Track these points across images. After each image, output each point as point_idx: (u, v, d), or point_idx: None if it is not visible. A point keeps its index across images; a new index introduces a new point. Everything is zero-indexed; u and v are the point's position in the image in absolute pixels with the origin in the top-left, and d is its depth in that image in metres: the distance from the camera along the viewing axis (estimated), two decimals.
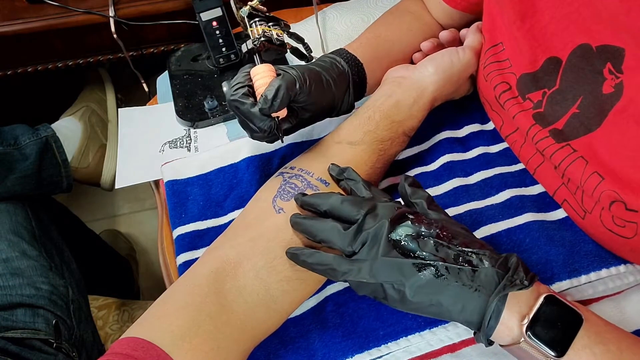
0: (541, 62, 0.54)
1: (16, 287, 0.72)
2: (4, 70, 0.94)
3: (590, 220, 0.51)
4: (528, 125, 0.55)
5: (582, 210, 0.52)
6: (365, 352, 0.49)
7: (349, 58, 0.60)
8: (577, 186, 0.51)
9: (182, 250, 0.59)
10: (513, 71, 0.57)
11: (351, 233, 0.44)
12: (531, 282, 0.40)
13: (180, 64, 0.83)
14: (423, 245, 0.42)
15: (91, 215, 1.34)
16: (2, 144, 0.87)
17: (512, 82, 0.57)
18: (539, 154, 0.56)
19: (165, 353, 0.40)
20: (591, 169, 0.48)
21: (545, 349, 0.38)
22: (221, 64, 0.79)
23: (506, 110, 0.58)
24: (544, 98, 0.54)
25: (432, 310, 0.41)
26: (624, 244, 0.47)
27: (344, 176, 0.51)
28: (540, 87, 0.54)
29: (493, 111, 0.63)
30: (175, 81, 0.80)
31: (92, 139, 1.05)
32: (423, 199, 0.47)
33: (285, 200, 0.51)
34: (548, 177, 0.57)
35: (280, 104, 0.50)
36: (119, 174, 0.71)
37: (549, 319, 0.39)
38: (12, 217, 0.80)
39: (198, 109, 0.75)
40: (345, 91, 0.59)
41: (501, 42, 0.58)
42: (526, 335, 0.39)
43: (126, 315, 0.97)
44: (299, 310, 0.53)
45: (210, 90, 0.78)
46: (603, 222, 0.48)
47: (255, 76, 0.52)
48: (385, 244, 0.42)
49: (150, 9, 0.87)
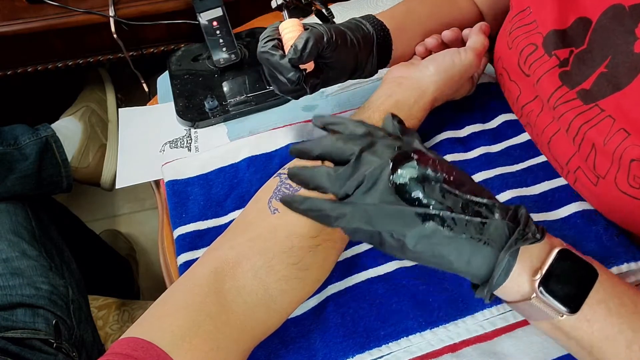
0: (571, 21, 0.54)
1: (16, 287, 0.72)
2: (4, 70, 0.94)
3: (602, 185, 0.50)
4: (552, 88, 0.55)
5: (594, 176, 0.51)
6: (366, 352, 0.49)
7: (375, 22, 0.61)
8: (591, 148, 0.50)
9: (182, 250, 0.59)
10: (540, 31, 0.57)
11: (343, 174, 0.38)
12: (542, 235, 0.37)
13: (181, 63, 0.83)
14: (429, 191, 0.36)
15: (91, 215, 1.34)
16: (2, 144, 0.87)
17: (539, 41, 0.57)
18: (555, 122, 0.56)
19: (165, 353, 0.40)
20: (618, 126, 0.47)
21: (558, 305, 0.36)
22: (221, 64, 0.79)
23: (530, 74, 0.57)
24: (570, 56, 0.54)
25: (434, 261, 0.38)
26: (637, 206, 0.47)
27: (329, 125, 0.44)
28: (567, 44, 0.54)
29: (511, 81, 0.63)
30: (176, 81, 0.80)
31: (92, 139, 1.05)
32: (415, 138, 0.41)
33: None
34: (562, 146, 0.56)
35: (309, 55, 0.52)
36: (119, 174, 0.71)
37: (563, 273, 0.36)
38: (12, 217, 0.80)
39: (198, 108, 0.75)
40: (369, 53, 0.60)
41: (528, 7, 0.59)
42: (538, 291, 0.36)
43: (126, 315, 0.97)
44: (300, 310, 0.53)
45: (210, 90, 0.78)
46: (617, 184, 0.48)
47: (284, 30, 0.55)
48: (386, 188, 0.36)
49: (150, 9, 0.87)
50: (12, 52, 0.91)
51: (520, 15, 0.60)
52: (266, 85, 0.76)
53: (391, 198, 0.36)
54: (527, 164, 0.61)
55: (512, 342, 0.49)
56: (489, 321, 0.50)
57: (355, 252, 0.56)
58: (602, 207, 0.53)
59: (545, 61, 0.56)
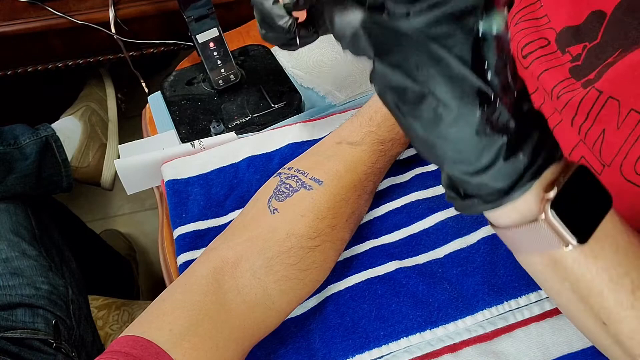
0: (585, 15, 0.53)
1: (16, 287, 0.72)
2: (4, 70, 0.94)
3: (608, 174, 0.49)
4: (555, 81, 0.54)
5: (600, 164, 0.50)
6: (366, 352, 0.49)
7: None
8: (600, 133, 0.48)
9: (182, 250, 0.59)
10: (552, 26, 0.56)
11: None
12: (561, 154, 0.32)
13: (175, 89, 0.80)
14: (498, 63, 0.28)
15: (91, 215, 1.34)
16: (2, 143, 0.87)
17: (551, 37, 0.56)
18: (557, 113, 0.55)
19: (164, 351, 0.40)
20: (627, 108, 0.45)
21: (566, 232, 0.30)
22: (220, 86, 0.77)
23: (531, 68, 0.57)
24: (583, 51, 0.53)
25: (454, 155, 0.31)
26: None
27: None
28: (581, 40, 0.53)
29: None
30: (174, 107, 0.77)
31: (92, 138, 1.05)
32: None
33: (279, 201, 0.51)
34: (565, 136, 0.55)
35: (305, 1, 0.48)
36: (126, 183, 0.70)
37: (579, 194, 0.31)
38: (12, 216, 0.80)
39: (204, 133, 0.73)
40: None
41: (539, 0, 0.58)
42: (549, 212, 0.30)
43: (126, 315, 0.97)
44: (300, 310, 0.53)
45: (212, 113, 0.75)
46: (623, 172, 0.46)
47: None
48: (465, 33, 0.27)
49: (150, 9, 0.87)
50: (12, 52, 0.91)
51: (530, 8, 0.59)
52: (270, 104, 0.74)
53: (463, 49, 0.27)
54: None
55: (512, 342, 0.49)
56: (489, 321, 0.50)
57: (354, 252, 0.56)
58: None
59: (557, 57, 0.55)
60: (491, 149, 0.30)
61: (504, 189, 0.31)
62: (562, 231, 0.30)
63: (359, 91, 0.74)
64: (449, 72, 0.28)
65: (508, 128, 0.29)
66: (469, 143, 0.30)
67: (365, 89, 0.74)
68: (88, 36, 0.90)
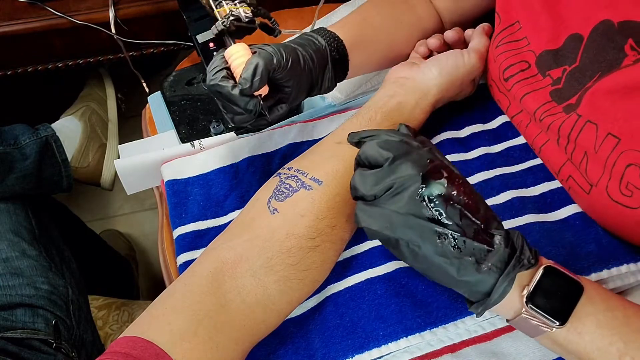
0: (563, 39, 0.53)
1: (16, 287, 0.72)
2: (4, 70, 0.94)
3: (595, 194, 0.50)
4: (537, 104, 0.55)
5: (587, 184, 0.51)
6: (366, 352, 0.49)
7: (326, 35, 0.58)
8: (583, 155, 0.50)
9: (182, 250, 0.59)
10: (532, 49, 0.56)
11: (374, 177, 0.41)
12: (536, 260, 0.41)
13: (175, 89, 0.80)
14: (450, 212, 0.39)
15: (91, 215, 1.34)
16: (2, 143, 0.87)
17: (531, 60, 0.57)
18: (543, 132, 0.56)
19: (164, 352, 0.40)
20: (604, 132, 0.47)
21: (547, 318, 0.39)
22: None
23: (512, 92, 0.57)
24: (563, 75, 0.54)
25: (437, 275, 0.41)
26: (630, 215, 0.47)
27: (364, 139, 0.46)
28: (561, 64, 0.54)
29: (500, 93, 0.63)
30: (173, 108, 0.77)
31: (92, 138, 1.05)
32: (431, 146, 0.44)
33: (279, 201, 0.51)
34: (553, 155, 0.56)
35: (261, 81, 0.50)
36: (126, 183, 0.70)
37: (549, 289, 0.39)
38: (12, 216, 0.80)
39: (204, 133, 0.73)
40: (325, 68, 0.57)
41: (518, 21, 0.58)
42: (527, 306, 0.39)
43: (126, 315, 0.97)
44: (299, 310, 0.53)
45: (212, 114, 0.76)
46: (609, 193, 0.48)
47: (231, 57, 0.52)
48: (412, 200, 0.39)
49: (150, 9, 0.87)
50: (12, 52, 0.91)
51: (509, 29, 0.59)
52: None
53: (415, 209, 0.39)
54: (527, 165, 0.61)
55: (511, 342, 0.49)
56: (489, 321, 0.50)
57: (354, 252, 0.56)
58: (595, 215, 0.53)
59: (537, 80, 0.56)
60: (466, 268, 0.39)
61: (488, 292, 0.40)
62: (543, 319, 0.39)
63: (359, 91, 0.74)
64: (411, 225, 0.39)
65: (474, 251, 0.39)
66: (444, 267, 0.40)
67: (365, 89, 0.74)
68: (88, 36, 0.90)
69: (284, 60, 0.52)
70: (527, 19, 0.56)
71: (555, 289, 0.39)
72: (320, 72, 0.57)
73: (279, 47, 0.53)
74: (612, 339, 0.38)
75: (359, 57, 0.60)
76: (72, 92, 1.14)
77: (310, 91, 0.58)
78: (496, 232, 0.41)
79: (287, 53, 0.52)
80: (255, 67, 0.49)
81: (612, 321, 0.38)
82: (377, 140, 0.43)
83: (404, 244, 0.40)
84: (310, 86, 0.57)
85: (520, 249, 0.40)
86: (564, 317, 0.39)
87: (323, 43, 0.57)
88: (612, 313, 0.39)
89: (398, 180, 0.40)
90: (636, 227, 0.48)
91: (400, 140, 0.43)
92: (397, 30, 0.65)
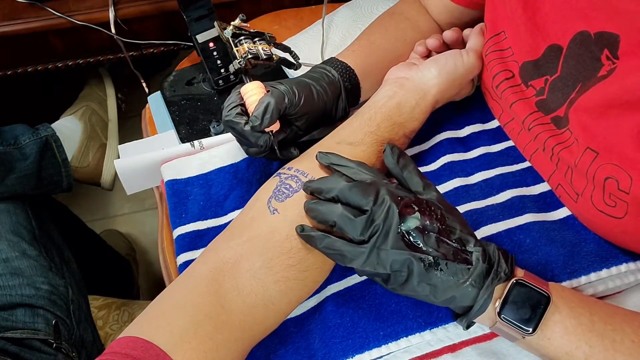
0: (543, 49, 0.54)
1: (16, 287, 0.72)
2: (4, 70, 0.94)
3: (582, 202, 0.51)
4: (525, 113, 0.56)
5: (574, 193, 0.52)
6: (366, 352, 0.49)
7: (339, 66, 0.61)
8: (567, 167, 0.52)
9: (182, 250, 0.59)
10: (515, 59, 0.57)
11: (362, 223, 0.45)
12: (512, 271, 0.44)
13: (175, 89, 0.80)
14: (427, 240, 0.44)
15: (91, 215, 1.34)
16: (2, 143, 0.87)
17: (515, 70, 0.57)
18: (533, 142, 0.57)
19: (164, 352, 0.40)
20: (584, 146, 0.49)
21: (517, 327, 0.42)
22: (220, 86, 0.77)
23: (503, 99, 0.58)
24: (546, 85, 0.54)
25: (423, 296, 0.45)
26: (616, 225, 0.48)
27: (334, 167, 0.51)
28: (542, 74, 0.55)
29: (493, 100, 0.64)
30: (173, 108, 0.78)
31: (92, 138, 1.05)
32: (413, 173, 0.49)
33: (279, 201, 0.51)
34: (542, 164, 0.58)
35: (271, 119, 0.53)
36: (126, 183, 0.70)
37: (517, 300, 0.43)
38: (12, 216, 0.80)
39: (204, 133, 0.73)
40: (338, 98, 0.60)
41: (503, 31, 0.59)
42: (499, 317, 0.43)
43: (126, 315, 0.97)
44: (299, 310, 0.53)
45: (212, 114, 0.76)
46: (594, 203, 0.49)
47: (246, 94, 0.55)
48: (395, 236, 0.44)
49: (150, 9, 0.87)
50: (12, 52, 0.91)
51: (495, 38, 0.60)
52: None
53: (399, 244, 0.44)
54: (527, 164, 0.61)
55: (511, 342, 0.49)
56: None
57: None
58: (585, 222, 0.54)
59: (521, 90, 0.58)
60: (451, 286, 0.43)
61: (470, 306, 0.44)
62: (515, 327, 0.43)
63: None
64: (398, 258, 0.43)
65: (455, 270, 0.43)
66: (430, 289, 0.44)
67: None
68: (88, 36, 0.90)
69: (296, 98, 0.55)
70: (510, 30, 0.57)
71: (524, 300, 0.43)
72: (334, 103, 0.60)
73: (292, 84, 0.56)
74: (578, 344, 0.41)
75: (369, 83, 0.63)
76: (72, 92, 1.14)
77: (324, 121, 0.60)
78: (473, 249, 0.45)
79: (299, 91, 0.56)
80: (267, 106, 0.53)
81: (577, 328, 0.42)
82: (356, 187, 0.46)
83: (393, 275, 0.44)
84: (323, 117, 0.60)
85: (497, 262, 0.44)
86: (535, 325, 0.42)
87: (336, 75, 0.60)
88: (577, 320, 0.42)
89: (380, 223, 0.44)
90: (622, 236, 0.49)
91: (372, 180, 0.48)
92: (402, 48, 0.67)
